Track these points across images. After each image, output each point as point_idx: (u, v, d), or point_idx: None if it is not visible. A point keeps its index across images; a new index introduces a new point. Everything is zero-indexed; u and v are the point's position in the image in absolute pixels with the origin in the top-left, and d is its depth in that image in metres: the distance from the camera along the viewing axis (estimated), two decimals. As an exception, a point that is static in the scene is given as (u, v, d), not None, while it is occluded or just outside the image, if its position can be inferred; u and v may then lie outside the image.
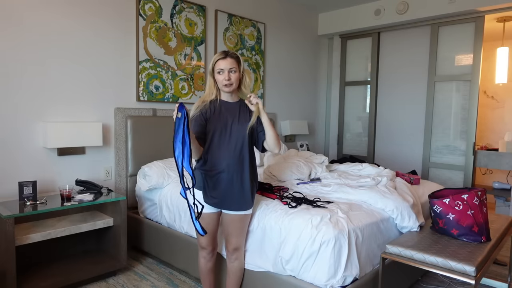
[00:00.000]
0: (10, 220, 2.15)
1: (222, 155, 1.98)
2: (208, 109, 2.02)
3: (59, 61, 2.80)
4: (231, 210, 2.04)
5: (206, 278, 2.19)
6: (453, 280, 2.64)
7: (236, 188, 2.00)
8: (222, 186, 1.99)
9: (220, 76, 1.97)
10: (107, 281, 2.63)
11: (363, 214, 2.17)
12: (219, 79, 1.98)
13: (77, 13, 2.87)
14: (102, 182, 3.06)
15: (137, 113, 3.24)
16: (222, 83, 1.98)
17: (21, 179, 2.62)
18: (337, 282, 1.88)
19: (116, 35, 3.10)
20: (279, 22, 4.58)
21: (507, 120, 5.38)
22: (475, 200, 2.09)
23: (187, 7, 3.57)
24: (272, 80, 4.57)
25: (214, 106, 2.03)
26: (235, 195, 2.01)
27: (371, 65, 4.85)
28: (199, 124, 1.98)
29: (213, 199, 2.00)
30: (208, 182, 2.00)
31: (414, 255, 1.94)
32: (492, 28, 4.47)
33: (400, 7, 4.28)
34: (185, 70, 3.60)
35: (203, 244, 2.11)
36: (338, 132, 5.25)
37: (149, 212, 3.00)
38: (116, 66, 3.12)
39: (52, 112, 2.79)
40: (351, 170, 3.21)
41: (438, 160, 4.33)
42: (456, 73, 4.16)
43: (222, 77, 1.96)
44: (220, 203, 2.01)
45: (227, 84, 1.97)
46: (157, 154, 3.24)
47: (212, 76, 2.01)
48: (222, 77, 1.96)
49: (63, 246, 2.77)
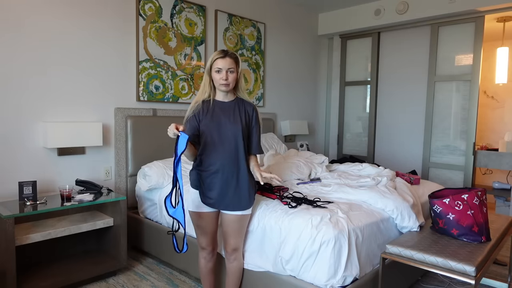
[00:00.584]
0: (10, 220, 2.15)
1: (216, 155, 1.98)
2: (201, 109, 2.01)
3: (59, 61, 2.80)
4: (228, 210, 2.03)
5: (206, 279, 2.19)
6: (453, 280, 2.64)
7: (232, 188, 2.00)
8: (217, 186, 1.98)
9: (217, 75, 1.96)
10: (107, 281, 2.63)
11: (363, 214, 2.17)
12: (216, 78, 1.97)
13: (77, 13, 2.87)
14: (102, 182, 3.06)
15: (137, 113, 3.24)
16: (219, 82, 1.97)
17: (21, 179, 2.62)
18: (337, 282, 1.88)
19: (116, 35, 3.10)
20: (279, 22, 4.58)
21: (507, 120, 5.38)
22: (475, 200, 2.09)
23: (187, 7, 3.57)
24: (272, 80, 4.57)
25: (207, 106, 2.02)
26: (231, 195, 2.00)
27: (371, 65, 4.85)
28: (192, 127, 1.98)
29: (209, 200, 2.00)
30: (203, 182, 2.00)
31: (414, 255, 1.94)
32: (492, 28, 4.47)
33: (400, 7, 4.28)
34: (185, 70, 3.60)
35: (203, 245, 2.11)
36: (338, 132, 5.25)
37: (149, 212, 3.00)
38: (116, 66, 3.13)
39: (52, 112, 2.79)
40: (351, 170, 3.21)
41: (438, 160, 4.33)
42: (456, 73, 4.16)
43: (219, 76, 1.95)
44: (217, 203, 2.01)
45: (224, 84, 1.96)
46: (157, 154, 3.24)
47: (208, 74, 2.00)
48: (220, 76, 1.95)
49: (63, 246, 2.77)
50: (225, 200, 2.00)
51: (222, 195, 1.99)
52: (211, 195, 1.99)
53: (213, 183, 1.98)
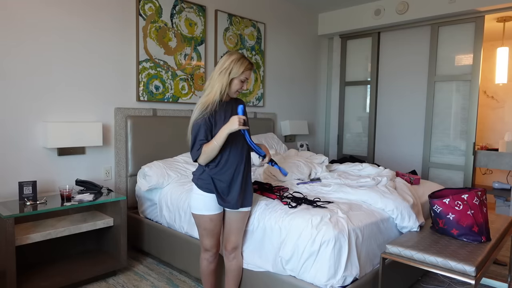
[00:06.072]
0: (10, 220, 2.15)
1: (233, 155, 1.99)
2: (213, 112, 1.96)
3: (59, 61, 2.80)
4: (242, 207, 2.06)
5: (207, 280, 2.18)
6: (453, 280, 2.64)
7: (245, 186, 2.05)
8: (236, 186, 2.00)
9: (240, 84, 1.98)
10: (107, 281, 2.63)
11: (363, 214, 2.17)
12: (237, 86, 1.97)
13: (77, 13, 2.87)
14: (102, 182, 3.06)
15: (137, 113, 3.24)
16: (237, 89, 1.99)
17: (21, 179, 2.62)
18: (337, 282, 1.88)
19: (116, 35, 3.10)
20: (279, 22, 4.58)
21: (507, 120, 5.38)
22: (475, 200, 2.09)
23: (187, 7, 3.57)
24: (272, 80, 4.57)
25: (215, 108, 1.99)
26: (244, 193, 2.05)
27: (371, 65, 4.85)
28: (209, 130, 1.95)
29: (229, 201, 2.00)
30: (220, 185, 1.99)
31: (414, 255, 1.94)
32: (492, 28, 4.47)
33: (400, 7, 4.28)
34: (185, 70, 3.60)
35: (208, 247, 2.10)
36: (338, 132, 5.25)
37: (149, 212, 3.00)
38: (116, 66, 3.12)
39: (52, 112, 2.79)
40: (351, 170, 3.21)
41: (438, 160, 4.33)
42: (456, 73, 4.16)
43: (241, 85, 1.99)
44: (236, 203, 2.01)
45: (240, 92, 2.03)
46: (157, 154, 3.24)
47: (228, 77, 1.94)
48: (241, 86, 1.98)
49: (63, 246, 2.77)
50: (241, 198, 2.03)
51: (240, 194, 2.01)
52: (231, 196, 2.00)
53: (232, 184, 1.99)
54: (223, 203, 2.00)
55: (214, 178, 1.98)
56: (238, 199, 2.01)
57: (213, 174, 1.99)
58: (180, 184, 2.80)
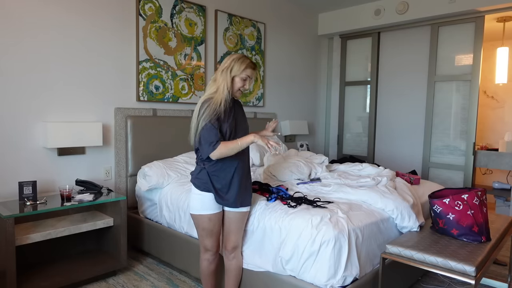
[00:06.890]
0: (10, 220, 2.15)
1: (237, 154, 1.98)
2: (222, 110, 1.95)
3: (59, 61, 2.79)
4: (242, 207, 2.06)
5: (208, 280, 2.18)
6: (453, 280, 2.64)
7: (245, 185, 2.06)
8: (235, 185, 2.01)
9: (241, 82, 1.99)
10: (107, 281, 2.63)
11: (363, 214, 2.17)
12: (239, 84, 1.98)
13: (77, 13, 2.86)
14: (102, 182, 3.06)
15: (137, 113, 3.24)
16: (239, 88, 2.00)
17: (21, 179, 2.62)
18: (337, 282, 1.88)
19: (116, 35, 3.10)
20: (279, 22, 4.58)
21: (507, 120, 5.38)
22: (475, 200, 2.09)
23: (187, 7, 3.57)
24: (272, 80, 4.57)
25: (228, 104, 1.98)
26: (244, 192, 2.06)
27: (371, 65, 4.85)
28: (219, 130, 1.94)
29: (228, 199, 2.01)
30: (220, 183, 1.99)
31: (414, 255, 1.94)
32: (492, 28, 4.47)
33: (400, 7, 4.27)
34: (185, 70, 3.60)
35: (208, 247, 2.10)
36: (338, 132, 5.25)
37: (149, 212, 3.00)
38: (116, 66, 3.12)
39: (52, 112, 2.79)
40: (351, 170, 3.21)
41: (438, 160, 4.33)
42: (456, 73, 4.16)
43: (243, 83, 1.99)
44: (235, 202, 2.02)
45: (244, 92, 2.03)
46: (157, 154, 3.24)
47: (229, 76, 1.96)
48: (242, 84, 1.99)
49: (63, 246, 2.77)
50: (240, 197, 2.03)
51: (239, 193, 2.02)
52: (230, 194, 2.00)
53: (231, 182, 2.00)
54: (222, 201, 2.00)
55: (213, 175, 1.99)
56: (237, 197, 2.01)
57: (213, 171, 1.99)
58: (180, 184, 2.80)
